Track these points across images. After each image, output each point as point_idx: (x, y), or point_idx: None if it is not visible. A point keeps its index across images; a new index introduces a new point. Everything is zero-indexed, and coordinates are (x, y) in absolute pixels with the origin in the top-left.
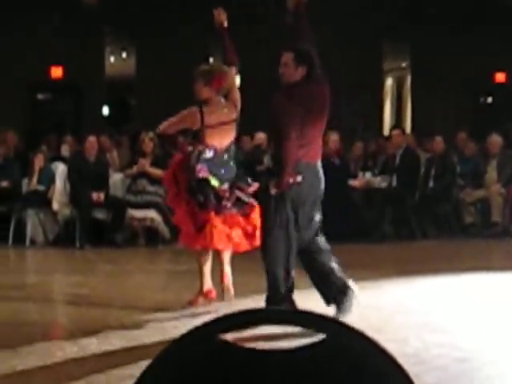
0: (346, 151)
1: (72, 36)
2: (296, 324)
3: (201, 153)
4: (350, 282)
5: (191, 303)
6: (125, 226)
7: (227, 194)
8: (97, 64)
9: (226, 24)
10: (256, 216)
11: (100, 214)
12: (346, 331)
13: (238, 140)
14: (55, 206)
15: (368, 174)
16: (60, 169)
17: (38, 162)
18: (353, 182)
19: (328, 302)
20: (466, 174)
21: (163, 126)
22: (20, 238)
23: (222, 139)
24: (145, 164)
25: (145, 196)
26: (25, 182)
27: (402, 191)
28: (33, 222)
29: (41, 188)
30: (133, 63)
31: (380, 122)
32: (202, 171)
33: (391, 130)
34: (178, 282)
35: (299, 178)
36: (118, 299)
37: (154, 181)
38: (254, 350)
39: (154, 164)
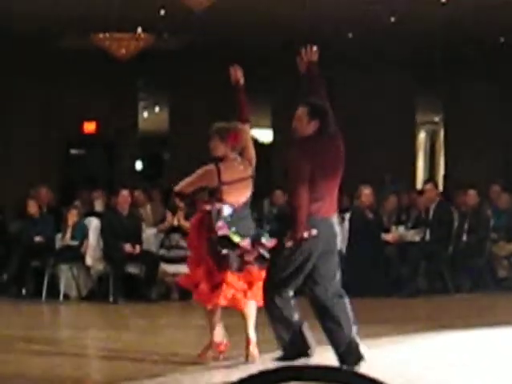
0: (377, 205)
1: (105, 91)
2: (328, 381)
3: (220, 211)
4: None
5: (200, 356)
6: (158, 281)
7: (249, 249)
8: (130, 119)
9: (242, 81)
10: None
11: (133, 269)
12: None
13: (270, 195)
14: (88, 260)
15: (401, 228)
16: (93, 224)
17: (72, 217)
18: (386, 236)
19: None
20: (499, 228)
21: (181, 186)
22: (53, 292)
23: (239, 196)
24: (180, 217)
25: (178, 251)
26: (58, 237)
27: (436, 245)
28: (66, 276)
29: (74, 243)
30: (166, 118)
31: (413, 175)
32: (223, 229)
33: (424, 184)
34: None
35: (314, 232)
36: (151, 354)
37: (187, 235)
38: None
39: (187, 219)
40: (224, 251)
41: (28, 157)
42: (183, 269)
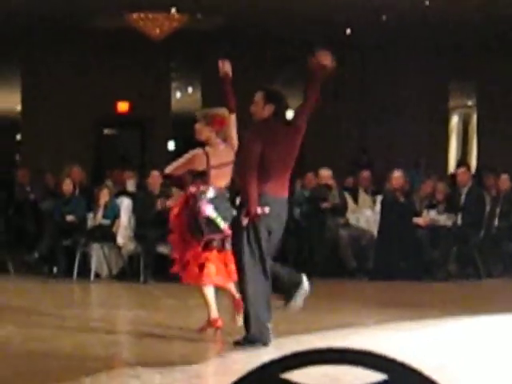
0: (410, 188)
1: (138, 71)
2: (359, 364)
3: (204, 192)
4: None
5: (200, 331)
6: None
7: (228, 233)
8: (163, 99)
9: (230, 74)
10: None
11: (164, 249)
12: (407, 372)
13: (302, 177)
14: (120, 240)
15: (433, 212)
16: (125, 203)
17: (103, 196)
18: (417, 220)
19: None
20: None
21: (171, 168)
22: (85, 271)
23: (224, 180)
24: None
25: None
26: (90, 216)
27: (467, 229)
28: (97, 256)
29: (105, 222)
30: (198, 98)
31: (445, 159)
32: (208, 210)
33: (457, 168)
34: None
35: (267, 210)
36: (181, 334)
37: None
38: None
39: None
40: (208, 232)
41: (61, 136)
42: None
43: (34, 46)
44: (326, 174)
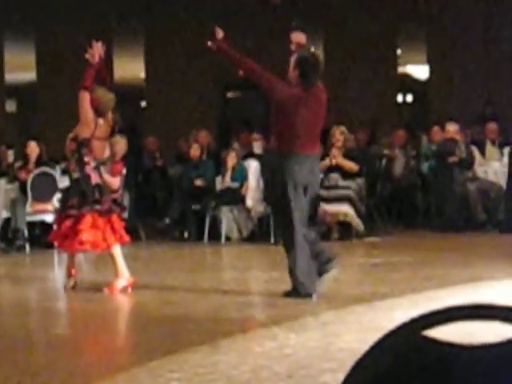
0: None
1: (259, 34)
2: (500, 320)
3: (88, 162)
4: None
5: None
6: (318, 221)
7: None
8: (284, 61)
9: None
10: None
11: None
12: None
13: (428, 131)
14: (249, 202)
15: None
16: (252, 166)
17: (231, 159)
18: None
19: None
20: None
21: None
22: (215, 235)
23: (103, 151)
24: (337, 156)
25: (337, 190)
26: (218, 179)
27: None
28: (227, 219)
29: (234, 185)
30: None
31: None
32: (94, 177)
33: None
34: (372, 275)
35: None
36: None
37: (346, 174)
38: (455, 346)
39: (346, 157)
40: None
41: (186, 101)
42: (343, 208)
43: (157, 12)
44: (452, 128)
